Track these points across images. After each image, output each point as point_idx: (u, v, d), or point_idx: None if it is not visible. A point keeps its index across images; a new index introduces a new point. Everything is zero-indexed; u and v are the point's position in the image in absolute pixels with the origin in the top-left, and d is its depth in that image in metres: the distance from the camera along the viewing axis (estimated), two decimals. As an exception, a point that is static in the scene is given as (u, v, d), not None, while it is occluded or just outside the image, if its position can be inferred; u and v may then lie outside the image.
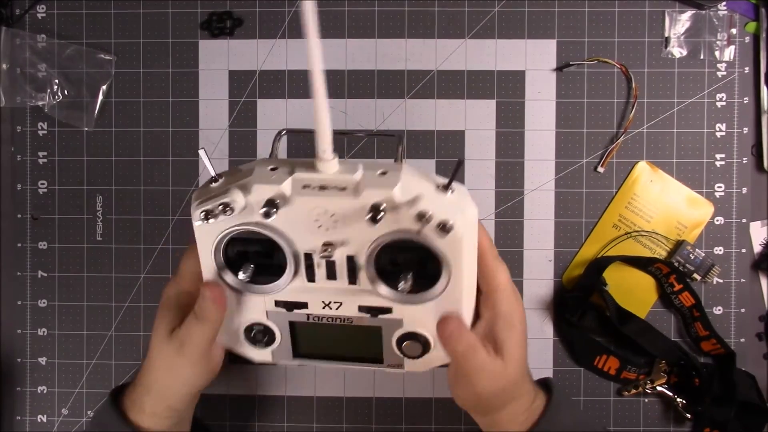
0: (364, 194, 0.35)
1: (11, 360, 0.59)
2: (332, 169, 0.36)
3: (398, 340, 0.42)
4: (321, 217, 0.36)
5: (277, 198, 0.36)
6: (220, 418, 0.58)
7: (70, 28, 0.59)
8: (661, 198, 0.57)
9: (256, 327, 0.42)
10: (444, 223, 0.35)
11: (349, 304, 0.40)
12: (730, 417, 0.53)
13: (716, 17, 0.57)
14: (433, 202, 0.35)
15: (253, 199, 0.36)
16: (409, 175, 0.36)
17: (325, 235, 0.37)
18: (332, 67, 0.58)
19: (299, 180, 0.36)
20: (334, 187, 0.36)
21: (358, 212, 0.36)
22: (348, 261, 0.38)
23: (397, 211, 0.35)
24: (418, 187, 0.36)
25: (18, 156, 0.59)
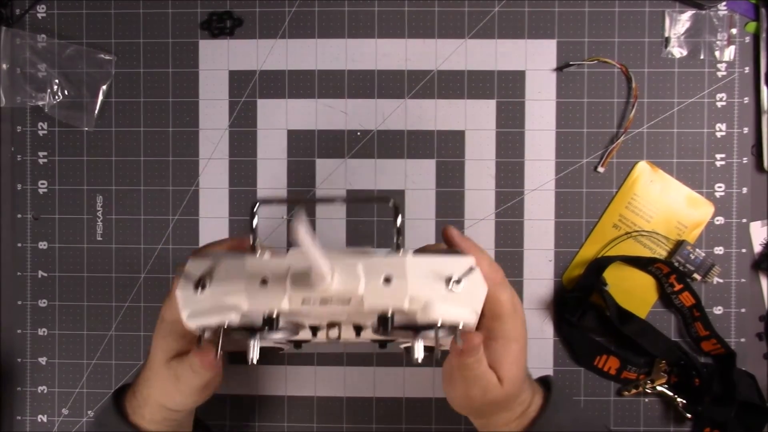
0: (370, 307, 0.33)
1: (11, 360, 0.59)
2: (331, 289, 0.33)
3: None
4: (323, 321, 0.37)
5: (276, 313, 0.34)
6: (220, 418, 0.58)
7: (70, 28, 0.59)
8: (661, 198, 0.57)
9: None
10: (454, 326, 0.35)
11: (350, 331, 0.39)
12: (730, 417, 0.53)
13: (716, 17, 0.57)
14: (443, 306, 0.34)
15: (250, 317, 0.34)
16: (415, 278, 0.34)
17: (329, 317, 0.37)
18: (332, 67, 0.58)
19: (297, 297, 0.33)
20: (337, 301, 0.34)
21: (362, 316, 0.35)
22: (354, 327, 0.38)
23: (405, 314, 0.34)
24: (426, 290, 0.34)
25: (18, 156, 0.59)
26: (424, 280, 0.34)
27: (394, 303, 0.33)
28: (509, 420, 0.42)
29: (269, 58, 0.58)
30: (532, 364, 0.44)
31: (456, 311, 0.34)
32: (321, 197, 0.37)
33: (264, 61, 0.58)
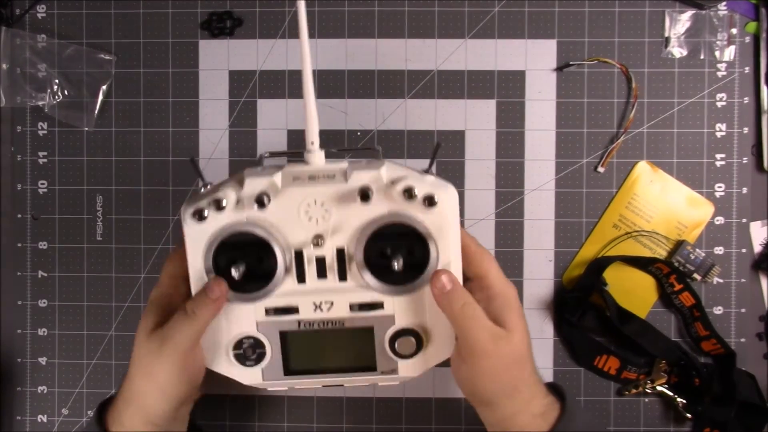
0: (353, 178, 0.38)
1: (11, 360, 0.59)
2: (320, 160, 0.38)
3: (391, 338, 0.42)
4: (311, 209, 0.38)
5: (268, 190, 0.37)
6: (220, 418, 0.58)
7: (70, 28, 0.59)
8: (661, 198, 0.57)
9: (245, 341, 0.42)
10: (429, 197, 0.37)
11: (341, 303, 0.40)
12: (730, 417, 0.53)
13: (716, 17, 0.57)
14: (417, 180, 0.38)
15: (245, 193, 0.37)
16: (391, 164, 0.39)
17: (315, 227, 0.38)
18: (332, 67, 0.58)
19: (289, 173, 0.38)
20: (323, 176, 0.38)
21: (347, 197, 0.38)
22: (338, 255, 0.39)
23: (384, 193, 0.38)
24: (402, 171, 0.39)
25: (18, 156, 0.59)
26: (400, 167, 0.39)
27: (374, 175, 0.38)
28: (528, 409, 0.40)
29: (269, 58, 0.58)
30: (532, 364, 0.44)
31: (430, 186, 0.38)
32: None
33: (264, 61, 0.58)
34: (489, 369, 0.40)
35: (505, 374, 0.40)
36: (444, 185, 0.39)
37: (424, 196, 0.37)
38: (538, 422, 0.40)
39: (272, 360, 0.42)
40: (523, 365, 0.41)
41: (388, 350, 0.42)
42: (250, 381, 0.43)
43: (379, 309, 0.41)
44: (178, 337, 0.39)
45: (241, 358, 0.42)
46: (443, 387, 0.58)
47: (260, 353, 0.42)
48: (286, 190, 0.38)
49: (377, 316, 0.41)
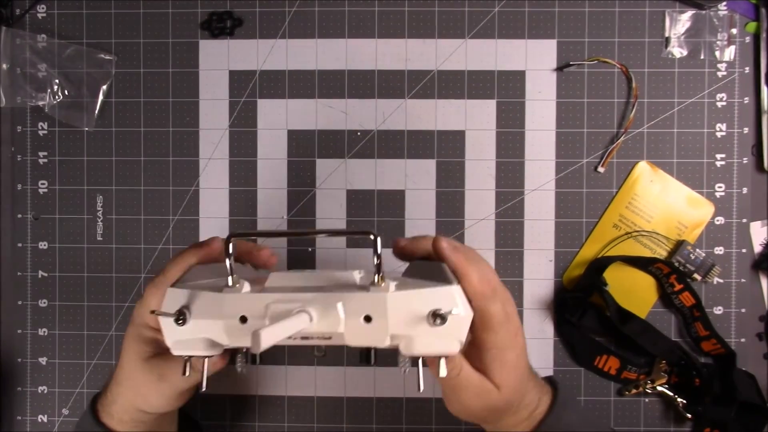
0: (351, 344, 0.34)
1: (11, 360, 0.59)
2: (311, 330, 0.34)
3: None
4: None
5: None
6: (220, 418, 0.58)
7: (70, 28, 0.59)
8: (661, 198, 0.57)
9: None
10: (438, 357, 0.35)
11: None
12: (731, 417, 0.53)
13: (716, 17, 0.57)
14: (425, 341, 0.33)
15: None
16: (396, 316, 0.33)
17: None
18: (332, 67, 0.58)
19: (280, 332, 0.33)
20: (319, 337, 0.34)
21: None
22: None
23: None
24: (407, 329, 0.33)
25: (18, 156, 0.59)
26: (405, 317, 0.33)
27: (375, 341, 0.33)
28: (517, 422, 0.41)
29: (269, 58, 0.58)
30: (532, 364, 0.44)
31: (438, 344, 0.34)
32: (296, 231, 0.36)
33: (264, 61, 0.58)
34: (472, 413, 0.40)
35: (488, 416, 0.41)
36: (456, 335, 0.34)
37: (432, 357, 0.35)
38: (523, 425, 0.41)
39: None
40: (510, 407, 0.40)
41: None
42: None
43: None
44: (178, 383, 0.40)
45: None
46: (443, 387, 0.58)
47: None
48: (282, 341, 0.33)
49: None
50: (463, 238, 0.58)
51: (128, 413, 0.42)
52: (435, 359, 0.36)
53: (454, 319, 0.34)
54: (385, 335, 0.33)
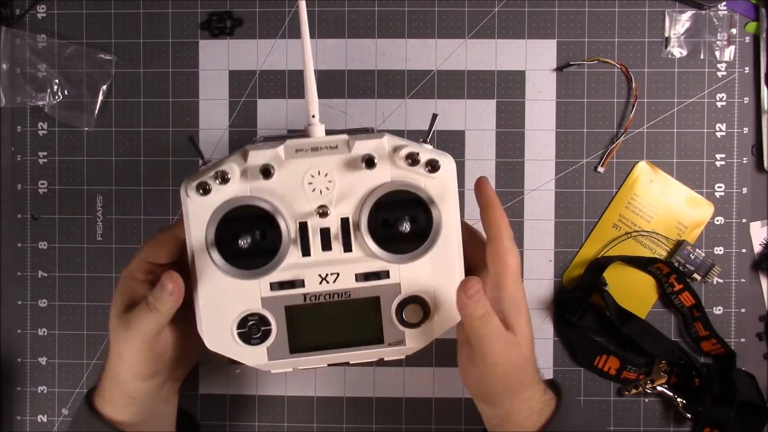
0: (356, 147, 0.38)
1: (11, 360, 0.59)
2: (321, 132, 0.39)
3: (398, 307, 0.42)
4: (315, 180, 0.39)
5: (272, 161, 0.38)
6: (220, 418, 0.58)
7: (70, 28, 0.59)
8: (661, 198, 0.57)
9: (250, 318, 0.41)
10: (432, 162, 0.38)
11: (347, 274, 0.41)
12: (730, 417, 0.53)
13: (716, 17, 0.57)
14: (419, 148, 0.39)
15: (249, 165, 0.38)
16: (391, 135, 0.40)
17: (319, 198, 0.39)
18: (332, 67, 0.58)
19: (292, 145, 0.39)
20: (326, 146, 0.38)
21: (351, 165, 0.39)
22: (343, 225, 0.39)
23: (387, 160, 0.39)
24: (403, 141, 0.39)
25: (18, 156, 0.59)
26: (399, 138, 0.40)
27: (376, 144, 0.39)
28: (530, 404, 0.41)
29: (269, 58, 0.58)
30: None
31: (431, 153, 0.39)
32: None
33: (264, 61, 0.58)
34: (499, 374, 0.40)
35: (511, 378, 0.41)
36: (443, 154, 0.40)
37: (427, 161, 0.38)
38: (534, 419, 0.41)
39: (278, 337, 0.42)
40: (527, 368, 0.41)
41: (395, 319, 0.42)
42: (254, 362, 0.42)
43: (385, 278, 0.41)
44: (142, 327, 0.40)
45: (245, 336, 0.42)
46: (443, 387, 0.58)
47: (265, 331, 0.41)
48: (290, 162, 0.38)
49: (383, 285, 0.41)
50: (463, 238, 0.58)
51: (117, 389, 0.42)
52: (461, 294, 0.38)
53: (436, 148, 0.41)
54: (383, 135, 0.39)
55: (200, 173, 0.38)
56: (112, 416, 0.43)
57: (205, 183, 0.38)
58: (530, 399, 0.42)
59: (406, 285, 0.41)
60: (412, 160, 0.38)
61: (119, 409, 0.43)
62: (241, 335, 0.42)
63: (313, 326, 0.42)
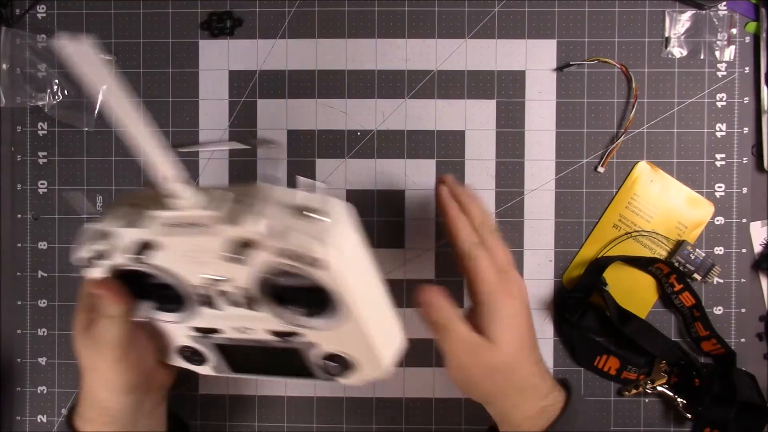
0: (220, 232, 0.33)
1: (11, 360, 0.59)
2: (186, 202, 0.33)
3: (317, 360, 0.40)
4: (198, 255, 0.35)
5: (143, 240, 0.35)
6: (220, 418, 0.58)
7: (70, 28, 0.59)
8: (661, 198, 0.57)
9: (185, 350, 0.43)
10: (315, 261, 0.32)
11: (259, 330, 0.39)
12: (731, 417, 0.53)
13: (716, 17, 0.57)
14: (301, 238, 0.32)
15: (122, 246, 0.36)
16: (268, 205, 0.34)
17: (206, 268, 0.35)
18: (332, 67, 0.58)
19: (157, 220, 0.34)
20: (189, 224, 0.34)
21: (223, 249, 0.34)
22: (241, 290, 0.36)
23: (259, 247, 0.33)
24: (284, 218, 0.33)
25: (18, 156, 0.59)
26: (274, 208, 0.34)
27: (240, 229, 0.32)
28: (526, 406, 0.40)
29: (269, 58, 0.58)
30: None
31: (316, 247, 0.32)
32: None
33: (264, 61, 0.58)
34: (471, 377, 0.40)
35: (487, 382, 0.40)
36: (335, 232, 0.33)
37: (310, 260, 0.32)
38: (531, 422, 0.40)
39: (218, 362, 0.43)
40: (510, 372, 0.40)
41: (319, 369, 0.41)
42: (204, 373, 0.45)
43: (297, 336, 0.38)
44: (108, 336, 0.40)
45: (188, 359, 0.43)
46: (443, 387, 0.58)
47: (204, 357, 0.43)
48: (165, 241, 0.34)
49: (299, 341, 0.39)
50: (463, 238, 0.58)
51: (94, 407, 0.42)
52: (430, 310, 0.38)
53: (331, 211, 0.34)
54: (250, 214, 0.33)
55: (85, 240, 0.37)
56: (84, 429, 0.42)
57: (86, 259, 0.37)
58: (523, 403, 0.41)
59: (323, 342, 0.39)
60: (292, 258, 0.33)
61: (99, 428, 0.42)
62: (185, 358, 0.43)
63: (247, 357, 0.42)
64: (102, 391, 0.41)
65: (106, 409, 0.42)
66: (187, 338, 0.42)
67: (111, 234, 0.36)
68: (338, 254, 0.33)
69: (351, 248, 0.34)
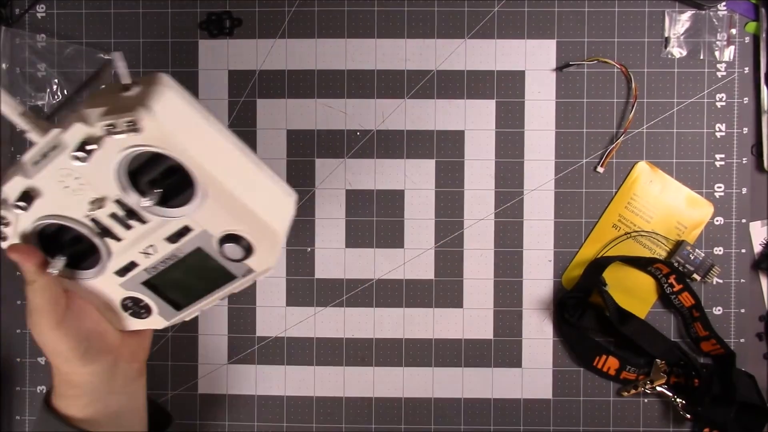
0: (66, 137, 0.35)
1: (11, 360, 0.59)
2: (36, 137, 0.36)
3: (220, 250, 0.40)
4: (67, 180, 0.37)
5: (23, 186, 0.37)
6: (220, 418, 0.58)
7: (70, 28, 0.59)
8: (660, 198, 0.57)
9: (126, 302, 0.44)
10: (130, 122, 0.34)
11: (160, 242, 0.40)
12: (730, 417, 0.53)
13: (716, 17, 0.57)
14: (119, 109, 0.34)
15: (10, 201, 0.38)
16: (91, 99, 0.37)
17: (85, 195, 0.38)
18: (332, 67, 0.58)
19: (25, 162, 0.37)
20: (48, 149, 0.36)
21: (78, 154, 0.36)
22: (120, 206, 0.38)
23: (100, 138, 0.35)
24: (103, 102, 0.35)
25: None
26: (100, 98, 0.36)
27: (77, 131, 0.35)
28: None
29: (269, 58, 0.58)
30: (533, 364, 0.44)
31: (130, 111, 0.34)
32: None
33: (264, 61, 0.58)
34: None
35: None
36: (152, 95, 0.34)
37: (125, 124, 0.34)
38: None
39: (159, 305, 0.44)
40: None
41: (226, 260, 0.41)
42: (158, 326, 0.45)
43: (190, 232, 0.39)
44: (38, 303, 0.41)
45: (135, 314, 0.44)
46: (443, 387, 0.58)
47: (145, 305, 0.44)
48: (36, 178, 0.37)
49: (195, 237, 0.40)
50: (462, 238, 0.58)
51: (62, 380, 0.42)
52: None
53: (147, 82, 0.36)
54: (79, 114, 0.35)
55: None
56: (66, 411, 0.43)
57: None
58: None
59: (213, 227, 0.39)
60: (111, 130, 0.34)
61: (71, 402, 0.42)
62: (132, 314, 0.44)
63: (177, 286, 0.43)
64: (61, 364, 0.42)
65: (70, 382, 0.42)
66: (120, 289, 0.43)
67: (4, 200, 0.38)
68: (154, 114, 0.33)
69: (173, 109, 0.35)
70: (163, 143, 0.35)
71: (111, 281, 0.42)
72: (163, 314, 0.45)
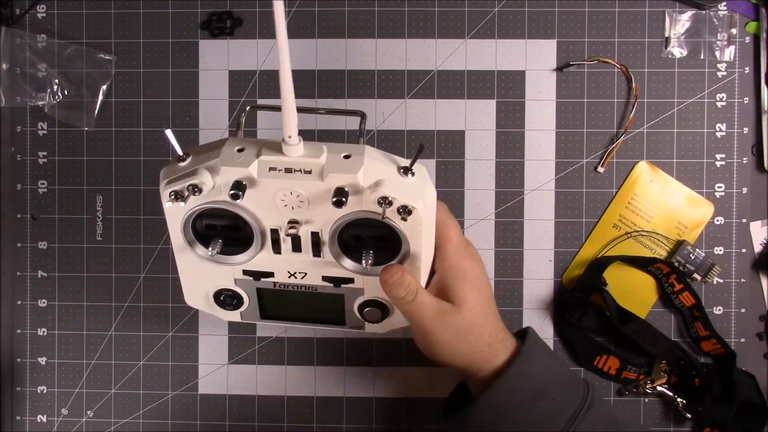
0: (329, 179, 0.37)
1: (11, 360, 0.59)
2: (297, 153, 0.37)
3: (359, 306, 0.46)
4: (287, 197, 0.38)
5: (244, 180, 0.37)
6: (220, 418, 0.58)
7: (70, 28, 0.59)
8: (661, 198, 0.57)
9: (224, 292, 0.45)
10: (405, 207, 0.37)
11: (314, 275, 0.43)
12: (730, 417, 0.53)
13: (716, 17, 0.57)
14: (395, 187, 0.37)
15: (220, 181, 0.38)
16: (371, 159, 0.38)
17: (290, 213, 0.39)
18: (332, 67, 0.58)
19: (265, 162, 0.38)
20: (300, 170, 0.37)
21: (323, 195, 0.38)
22: (312, 236, 0.40)
23: (360, 194, 0.37)
24: (381, 171, 0.38)
25: (18, 156, 0.59)
26: (380, 162, 0.38)
27: (351, 176, 0.37)
28: (494, 360, 0.44)
29: (269, 58, 0.58)
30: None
31: (405, 196, 0.37)
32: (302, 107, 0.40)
33: (264, 61, 0.58)
34: (440, 341, 0.43)
35: (457, 343, 0.43)
36: (422, 192, 0.39)
37: (400, 207, 0.37)
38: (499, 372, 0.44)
39: (250, 307, 0.47)
40: (480, 330, 0.44)
41: (356, 314, 0.46)
42: (229, 318, 0.48)
43: (350, 283, 0.44)
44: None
45: (220, 303, 0.47)
46: (443, 387, 0.58)
47: (238, 302, 0.46)
48: (262, 182, 0.38)
49: (347, 288, 0.44)
50: (462, 238, 0.58)
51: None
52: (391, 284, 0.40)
53: (420, 174, 0.39)
54: (360, 166, 0.37)
55: (174, 173, 0.39)
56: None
57: (179, 192, 0.38)
58: (494, 357, 0.44)
59: (368, 289, 0.44)
60: (384, 202, 0.37)
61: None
62: (217, 302, 0.47)
63: (281, 304, 0.47)
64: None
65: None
66: (231, 281, 0.44)
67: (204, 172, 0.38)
68: (424, 207, 0.38)
69: (431, 204, 0.40)
70: (412, 230, 0.39)
71: (229, 272, 0.44)
72: (245, 314, 0.47)
